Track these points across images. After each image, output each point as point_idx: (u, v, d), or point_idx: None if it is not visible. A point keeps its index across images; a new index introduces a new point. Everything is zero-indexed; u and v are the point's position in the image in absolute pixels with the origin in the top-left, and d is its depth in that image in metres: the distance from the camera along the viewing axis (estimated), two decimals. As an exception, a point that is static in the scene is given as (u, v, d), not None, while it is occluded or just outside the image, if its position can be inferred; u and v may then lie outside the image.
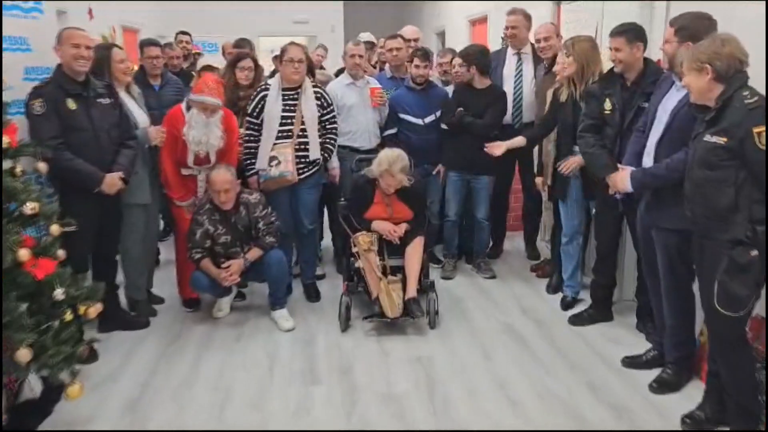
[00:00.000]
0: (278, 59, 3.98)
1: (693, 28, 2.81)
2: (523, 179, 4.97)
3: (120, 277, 3.85)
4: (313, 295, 4.25)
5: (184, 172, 3.84)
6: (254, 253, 3.74)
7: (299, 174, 3.97)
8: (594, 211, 3.64)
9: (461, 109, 4.36)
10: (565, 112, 3.72)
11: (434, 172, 4.65)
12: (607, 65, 3.50)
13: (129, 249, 3.81)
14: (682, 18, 2.89)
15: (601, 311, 3.76)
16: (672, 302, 2.92)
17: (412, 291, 3.65)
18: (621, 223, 3.54)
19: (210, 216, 3.69)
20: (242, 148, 3.99)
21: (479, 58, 4.34)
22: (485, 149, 4.04)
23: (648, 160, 2.91)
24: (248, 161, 3.99)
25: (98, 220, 3.41)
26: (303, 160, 3.99)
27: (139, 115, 3.79)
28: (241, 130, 4.01)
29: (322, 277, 4.64)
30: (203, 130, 3.67)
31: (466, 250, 4.96)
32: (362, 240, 3.70)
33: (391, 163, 3.75)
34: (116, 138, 3.44)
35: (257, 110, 3.93)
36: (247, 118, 3.95)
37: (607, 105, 3.35)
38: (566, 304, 4.01)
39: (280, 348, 3.53)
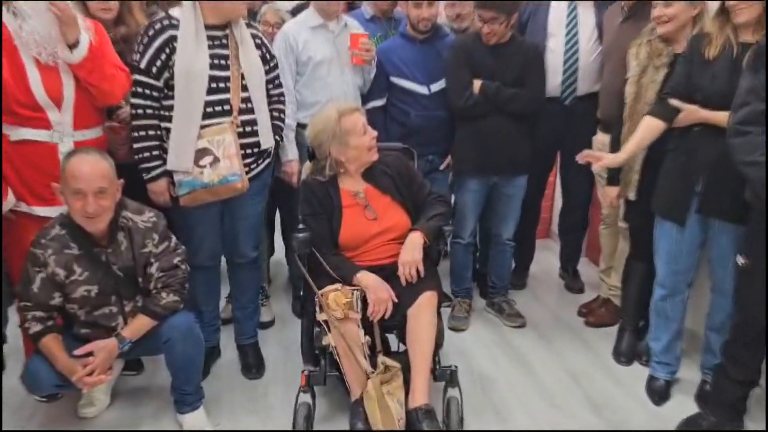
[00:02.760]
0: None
1: None
2: (564, 175, 3.44)
3: None
4: (253, 365, 2.65)
5: (18, 137, 2.11)
6: (139, 325, 2.10)
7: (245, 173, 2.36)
8: (740, 260, 2.10)
9: (485, 81, 2.78)
10: (713, 78, 2.16)
11: (442, 167, 3.07)
12: None
13: None
14: None
15: (729, 417, 2.26)
16: None
17: (421, 395, 2.08)
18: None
19: (61, 249, 2.04)
20: (131, 132, 2.31)
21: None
22: (580, 159, 2.43)
23: None
24: (146, 154, 2.30)
25: None
26: (250, 150, 2.37)
27: None
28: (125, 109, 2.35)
29: (269, 324, 3.05)
30: (47, 14, 2.01)
31: (476, 275, 3.44)
32: (335, 301, 2.10)
33: (341, 111, 2.28)
34: None
35: (159, 64, 2.24)
36: (137, 77, 2.25)
37: (800, 79, 1.81)
38: (659, 393, 2.52)
39: None
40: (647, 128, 2.32)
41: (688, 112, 2.19)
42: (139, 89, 2.24)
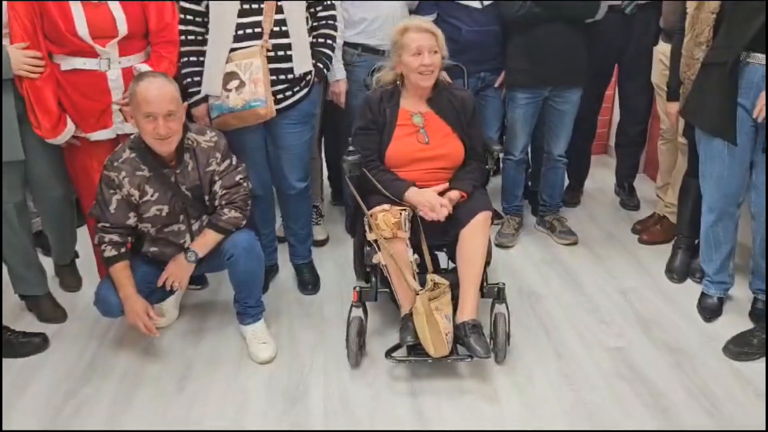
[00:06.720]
0: None
1: None
2: (622, 88, 3.32)
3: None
4: (309, 282, 2.78)
5: (69, 66, 2.22)
6: (206, 239, 2.24)
7: (277, 102, 2.37)
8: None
9: None
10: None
11: (496, 85, 3.01)
12: None
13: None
14: None
15: (781, 336, 2.27)
16: None
17: (470, 311, 2.15)
18: None
19: (133, 171, 2.14)
20: (180, 58, 2.37)
21: None
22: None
23: None
24: (188, 80, 2.37)
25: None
26: (283, 76, 2.37)
27: None
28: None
29: (323, 243, 3.16)
30: None
31: (528, 193, 3.43)
32: (383, 221, 2.16)
33: (410, 25, 2.34)
34: None
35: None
36: (183, 4, 2.28)
37: None
38: (710, 310, 2.51)
39: (247, 410, 2.10)
40: None
41: None
42: (182, 15, 2.30)
